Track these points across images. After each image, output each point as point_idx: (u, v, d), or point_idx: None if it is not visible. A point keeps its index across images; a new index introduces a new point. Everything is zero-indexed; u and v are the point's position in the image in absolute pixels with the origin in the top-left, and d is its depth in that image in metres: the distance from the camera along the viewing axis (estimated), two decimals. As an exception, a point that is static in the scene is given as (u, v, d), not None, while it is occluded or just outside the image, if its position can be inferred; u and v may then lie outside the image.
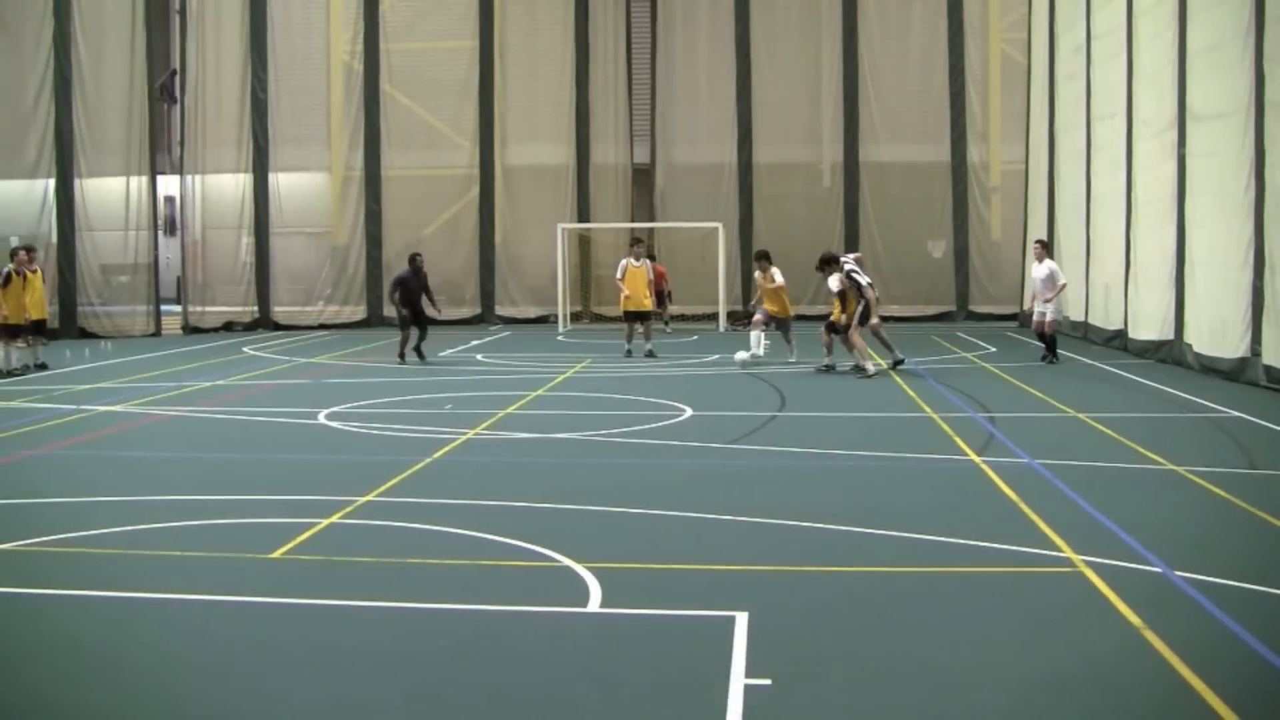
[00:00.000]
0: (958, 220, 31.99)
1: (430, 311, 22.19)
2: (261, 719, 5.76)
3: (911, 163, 32.31)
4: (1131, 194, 21.86)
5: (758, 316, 21.14)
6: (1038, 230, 28.23)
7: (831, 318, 19.80)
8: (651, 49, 33.26)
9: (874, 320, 19.18)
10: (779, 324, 21.14)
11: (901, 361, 19.56)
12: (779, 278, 20.89)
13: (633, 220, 32.59)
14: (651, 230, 32.05)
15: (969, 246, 31.92)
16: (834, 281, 19.66)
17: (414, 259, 22.14)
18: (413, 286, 21.71)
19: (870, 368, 18.97)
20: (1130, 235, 21.93)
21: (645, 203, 33.49)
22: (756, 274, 21.66)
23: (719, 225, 30.03)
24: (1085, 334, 24.79)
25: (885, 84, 32.41)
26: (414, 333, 21.84)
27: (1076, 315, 25.53)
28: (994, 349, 23.63)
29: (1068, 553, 8.37)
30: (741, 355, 20.73)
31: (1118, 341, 22.58)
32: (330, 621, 7.20)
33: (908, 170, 32.30)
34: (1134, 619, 6.91)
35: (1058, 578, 7.90)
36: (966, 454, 12.30)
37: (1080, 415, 14.82)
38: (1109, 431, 13.59)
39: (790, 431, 14.19)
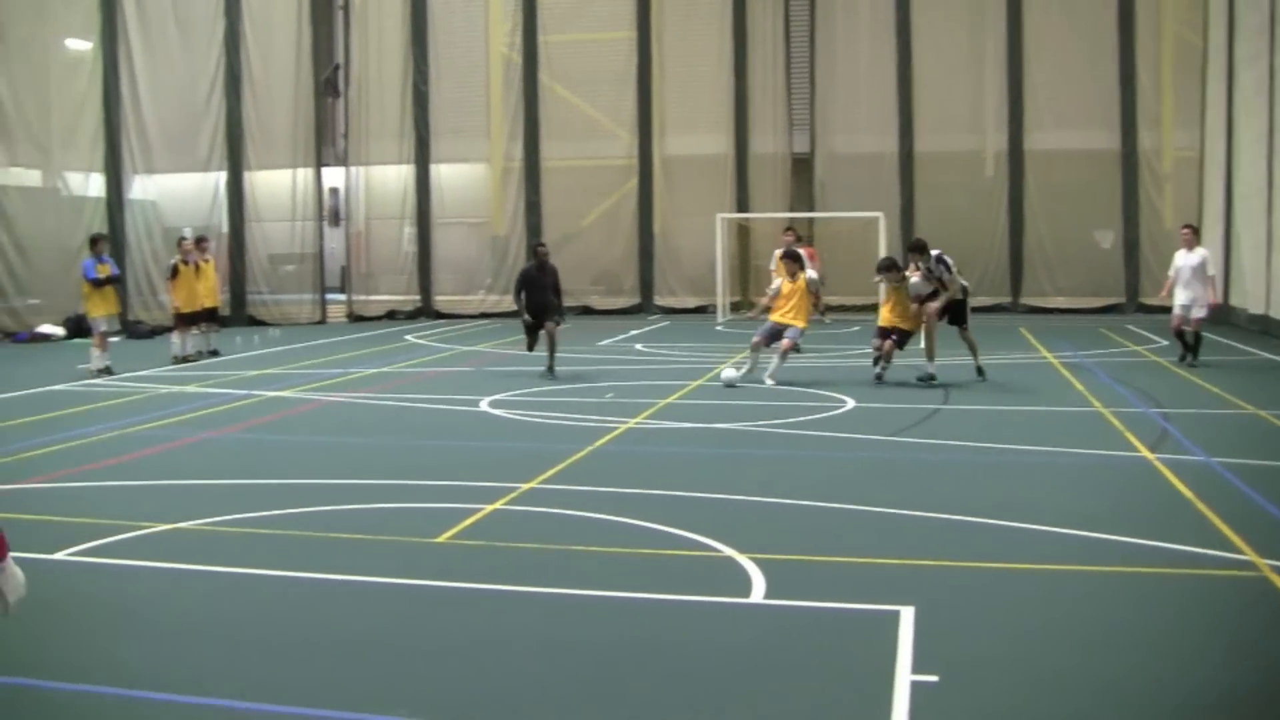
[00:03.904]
0: (1128, 210, 30.92)
1: (550, 325, 18.18)
2: (424, 701, 5.82)
3: (1079, 150, 31.34)
4: (1318, 181, 20.90)
5: (783, 341, 17.84)
6: (1214, 220, 27.18)
7: (881, 323, 17.40)
8: (810, 36, 32.86)
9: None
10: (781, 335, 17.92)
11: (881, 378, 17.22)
12: (812, 277, 18.14)
13: (792, 210, 32.30)
14: (811, 220, 31.73)
15: (1140, 236, 30.86)
16: (917, 279, 17.10)
17: (538, 249, 19.19)
18: (537, 283, 18.29)
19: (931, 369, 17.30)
20: (1316, 224, 20.97)
21: (805, 192, 33.12)
22: (784, 281, 18.10)
23: (880, 215, 29.55)
24: (1265, 328, 23.76)
25: (1051, 68, 31.40)
26: (541, 341, 18.38)
27: (1256, 308, 24.50)
28: (1166, 343, 22.77)
29: (1250, 555, 8.00)
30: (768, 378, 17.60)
31: (1301, 335, 21.62)
32: (495, 607, 7.27)
33: (1075, 158, 31.35)
34: (1326, 626, 6.58)
35: (1239, 581, 7.56)
36: (1139, 450, 11.90)
37: (1261, 412, 14.20)
38: (1292, 429, 13.02)
39: (955, 425, 13.89)
